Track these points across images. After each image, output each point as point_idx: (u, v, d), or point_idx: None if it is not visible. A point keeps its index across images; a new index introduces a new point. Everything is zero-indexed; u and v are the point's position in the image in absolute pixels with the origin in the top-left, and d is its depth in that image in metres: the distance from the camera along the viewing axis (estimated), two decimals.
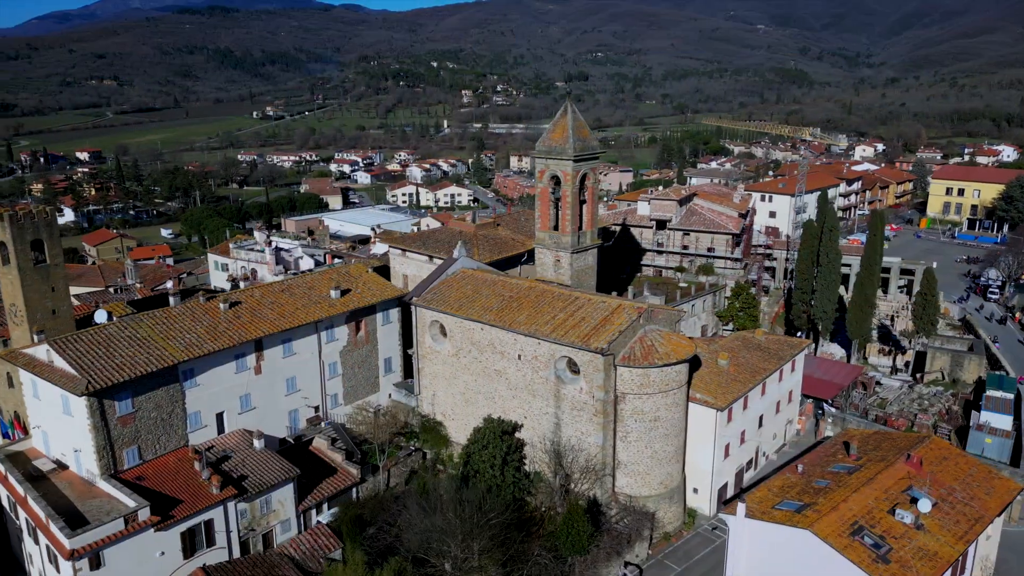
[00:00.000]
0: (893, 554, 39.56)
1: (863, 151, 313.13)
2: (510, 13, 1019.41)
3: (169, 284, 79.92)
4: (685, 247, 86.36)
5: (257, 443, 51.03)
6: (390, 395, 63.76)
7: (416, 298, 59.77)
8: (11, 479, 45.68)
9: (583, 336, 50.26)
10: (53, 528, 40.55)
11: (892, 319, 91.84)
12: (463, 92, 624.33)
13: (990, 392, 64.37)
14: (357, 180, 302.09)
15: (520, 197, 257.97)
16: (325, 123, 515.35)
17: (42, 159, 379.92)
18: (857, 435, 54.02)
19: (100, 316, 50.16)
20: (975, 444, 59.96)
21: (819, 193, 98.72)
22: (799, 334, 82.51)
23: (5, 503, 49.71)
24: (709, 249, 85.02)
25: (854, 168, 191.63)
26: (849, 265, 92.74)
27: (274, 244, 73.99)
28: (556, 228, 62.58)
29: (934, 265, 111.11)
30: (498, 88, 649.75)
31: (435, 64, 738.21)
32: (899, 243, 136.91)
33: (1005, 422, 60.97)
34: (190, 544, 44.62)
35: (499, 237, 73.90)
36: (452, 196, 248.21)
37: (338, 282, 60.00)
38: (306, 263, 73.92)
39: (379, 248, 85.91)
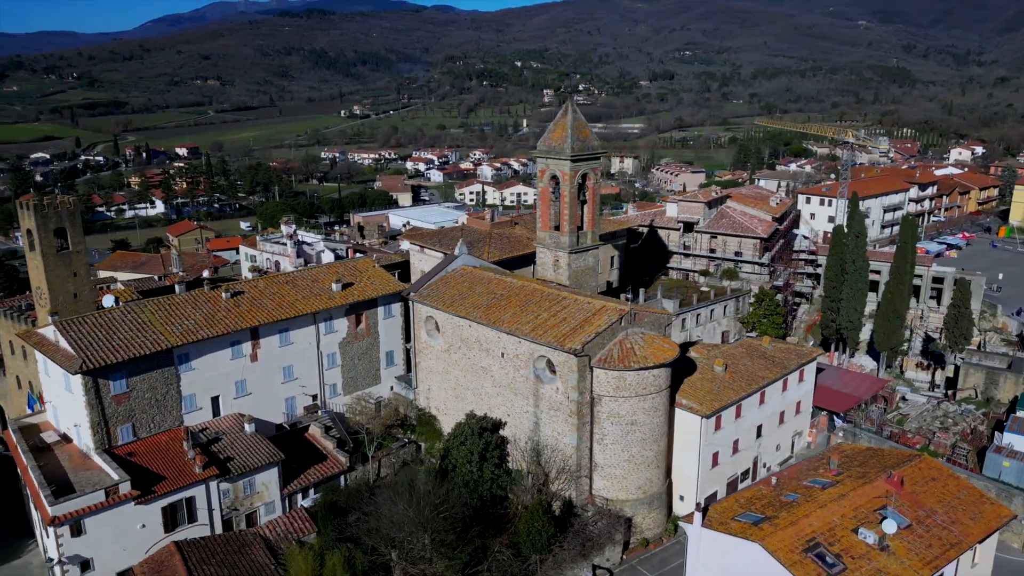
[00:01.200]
0: (847, 574, 37.99)
1: (959, 154, 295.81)
2: (597, 12, 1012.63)
3: (206, 273, 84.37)
4: (712, 250, 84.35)
5: (248, 427, 53.49)
6: (391, 388, 65.35)
7: (413, 293, 61.08)
8: (19, 449, 49.62)
9: (560, 336, 50.25)
10: (42, 496, 43.88)
11: (941, 332, 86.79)
12: (545, 91, 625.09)
13: (1020, 413, 60.32)
14: (430, 178, 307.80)
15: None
16: (408, 122, 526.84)
17: (144, 154, 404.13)
18: (848, 450, 51.76)
19: (108, 300, 53.73)
20: (992, 467, 56.34)
21: (849, 199, 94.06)
22: (830, 344, 79.37)
23: (20, 472, 53.97)
24: (736, 253, 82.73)
25: (937, 171, 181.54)
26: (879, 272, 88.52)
27: (296, 238, 76.88)
28: (557, 228, 62.57)
29: (999, 277, 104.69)
30: (580, 87, 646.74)
31: (519, 64, 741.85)
32: (971, 252, 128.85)
33: None
34: (171, 519, 47.28)
35: (513, 236, 74.42)
36: (518, 195, 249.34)
37: (341, 276, 61.96)
38: (327, 257, 76.44)
39: (406, 244, 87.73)
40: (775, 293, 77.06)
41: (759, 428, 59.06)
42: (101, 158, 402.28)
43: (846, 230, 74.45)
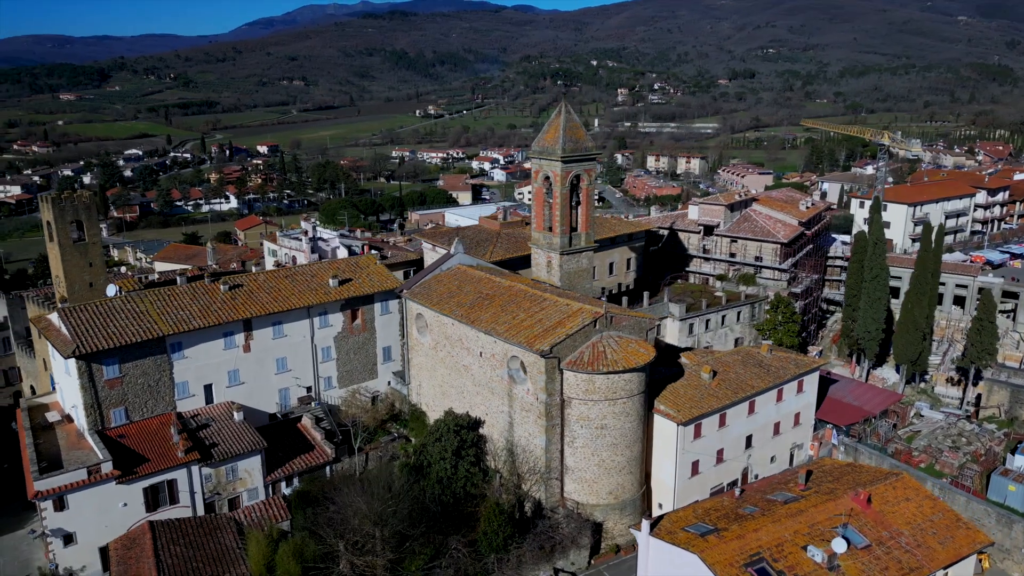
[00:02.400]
0: None
1: None
2: (678, 9, 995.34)
3: (233, 265, 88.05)
4: (732, 255, 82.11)
5: (237, 415, 55.68)
6: (389, 383, 66.63)
7: (406, 291, 62.13)
8: (24, 426, 53.24)
9: (530, 337, 50.24)
10: (30, 471, 47.03)
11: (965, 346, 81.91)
12: (619, 91, 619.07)
13: None
14: (493, 177, 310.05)
15: (647, 197, 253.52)
16: (480, 121, 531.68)
17: (227, 151, 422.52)
18: (828, 464, 49.78)
19: (110, 290, 56.86)
20: (997, 490, 52.99)
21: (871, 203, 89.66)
22: (851, 355, 76.16)
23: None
24: (756, 258, 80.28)
25: (1019, 176, 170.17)
26: (944, 284, 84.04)
27: (311, 234, 79.27)
28: (551, 229, 62.37)
29: None
30: (655, 86, 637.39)
31: (595, 63, 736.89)
32: None
33: None
34: (153, 500, 49.76)
35: (521, 236, 74.53)
36: None
37: (340, 272, 63.60)
38: (342, 253, 78.47)
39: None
40: (790, 300, 74.44)
41: (748, 438, 57.37)
42: (188, 155, 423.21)
43: (867, 236, 71.22)
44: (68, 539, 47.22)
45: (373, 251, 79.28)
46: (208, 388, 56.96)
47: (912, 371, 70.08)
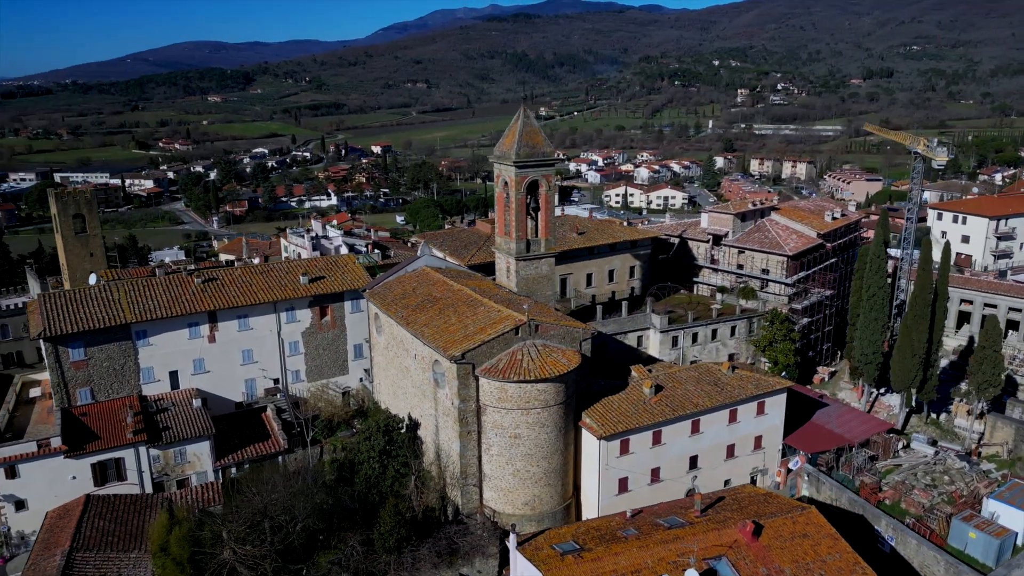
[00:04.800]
0: None
1: None
2: (814, 6, 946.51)
3: (256, 260, 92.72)
4: (740, 266, 77.79)
5: (195, 402, 58.98)
6: (360, 379, 68.24)
7: (368, 290, 63.45)
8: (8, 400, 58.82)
9: (449, 342, 50.15)
10: None
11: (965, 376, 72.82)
12: (739, 91, 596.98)
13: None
14: (587, 179, 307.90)
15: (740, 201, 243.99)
16: (590, 123, 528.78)
17: (343, 151, 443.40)
18: (746, 492, 46.49)
19: (92, 279, 61.63)
20: (957, 536, 47.62)
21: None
22: (858, 379, 70.43)
23: None
24: (763, 271, 75.67)
25: None
26: (995, 307, 76.06)
27: (313, 233, 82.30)
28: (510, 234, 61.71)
29: None
30: (779, 87, 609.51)
31: (716, 63, 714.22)
32: None
33: (1013, 519, 47.41)
34: (101, 475, 53.63)
35: None
36: (666, 198, 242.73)
37: (318, 270, 65.85)
38: (344, 251, 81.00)
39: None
40: (787, 316, 69.63)
41: (693, 459, 54.48)
42: (308, 154, 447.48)
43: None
44: (20, 505, 51.77)
45: (376, 251, 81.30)
46: (174, 375, 60.58)
47: (921, 399, 63.52)
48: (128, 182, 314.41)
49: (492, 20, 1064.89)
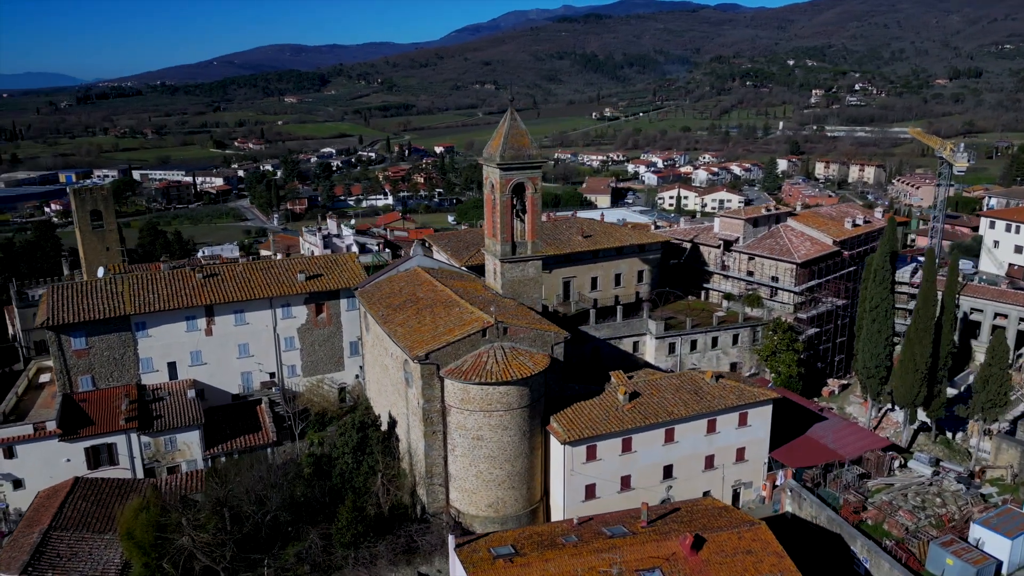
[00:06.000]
0: None
1: None
2: (900, 3, 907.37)
3: (279, 256, 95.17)
4: (751, 272, 75.39)
5: (190, 392, 61.20)
6: (356, 376, 69.40)
7: (359, 289, 64.49)
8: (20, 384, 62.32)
9: (416, 343, 50.52)
10: None
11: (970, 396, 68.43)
12: (813, 91, 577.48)
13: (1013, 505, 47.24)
14: (644, 181, 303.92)
15: (800, 206, 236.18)
16: (655, 124, 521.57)
17: (406, 151, 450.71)
18: (703, 505, 45.08)
19: (99, 272, 64.62)
20: (935, 562, 45.04)
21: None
22: (867, 393, 67.25)
23: None
24: (773, 278, 73.12)
25: None
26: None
27: (325, 231, 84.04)
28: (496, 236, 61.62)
29: None
30: (856, 87, 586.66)
31: (791, 62, 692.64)
32: None
33: (999, 547, 44.53)
34: (94, 459, 56.29)
35: None
36: (720, 201, 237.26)
37: (317, 268, 67.35)
38: (354, 250, 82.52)
39: None
40: (791, 325, 67.07)
41: (668, 468, 53.25)
42: (373, 154, 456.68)
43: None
44: (17, 483, 54.85)
45: (387, 250, 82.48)
46: (172, 365, 63.00)
47: (929, 416, 60.21)
48: (200, 180, 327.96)
49: (563, 21, 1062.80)
